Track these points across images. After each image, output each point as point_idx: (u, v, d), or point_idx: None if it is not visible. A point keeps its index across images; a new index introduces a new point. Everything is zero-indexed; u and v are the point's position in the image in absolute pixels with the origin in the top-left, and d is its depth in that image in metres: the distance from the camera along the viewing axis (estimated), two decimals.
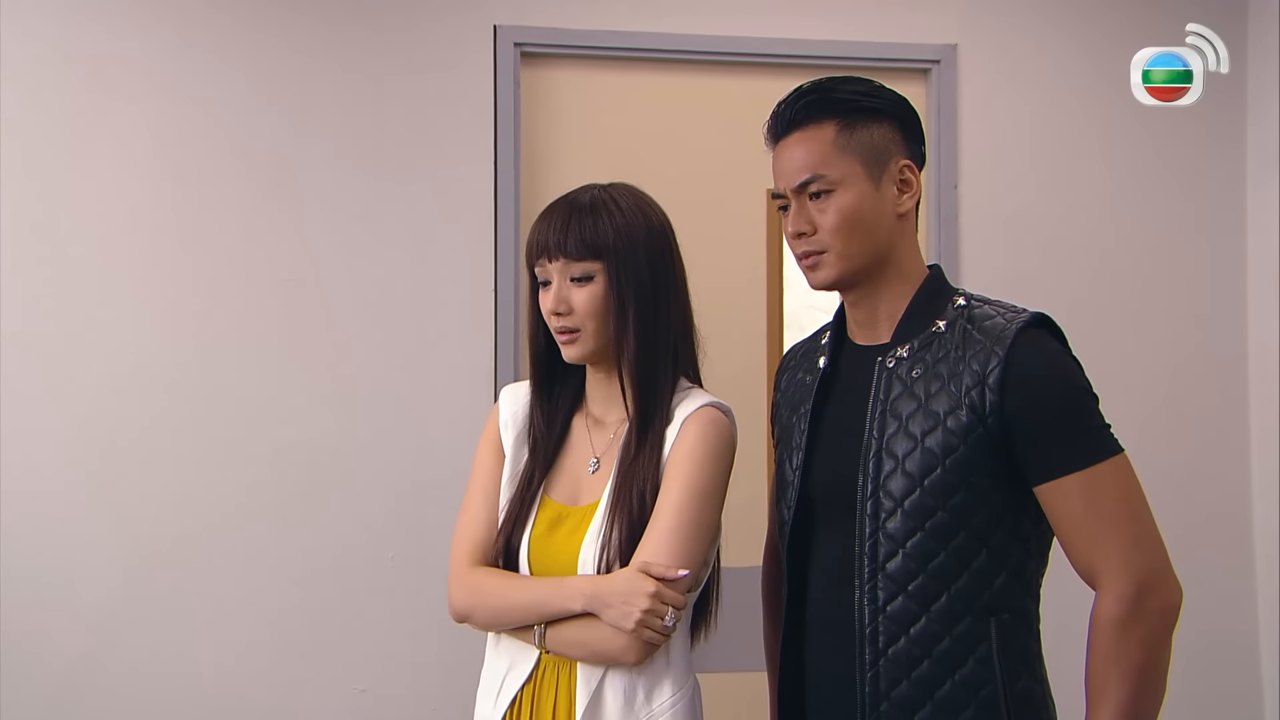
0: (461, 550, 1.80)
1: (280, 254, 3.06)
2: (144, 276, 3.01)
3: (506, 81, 3.14)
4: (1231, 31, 3.24)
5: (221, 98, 3.05)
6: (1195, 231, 3.40)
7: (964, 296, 1.70)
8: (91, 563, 2.94)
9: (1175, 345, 3.38)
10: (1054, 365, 1.60)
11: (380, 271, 3.09)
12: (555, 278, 1.78)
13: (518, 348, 3.09)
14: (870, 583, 1.63)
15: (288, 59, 3.08)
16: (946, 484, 1.59)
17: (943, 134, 3.27)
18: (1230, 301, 3.40)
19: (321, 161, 3.08)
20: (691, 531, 1.70)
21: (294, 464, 3.03)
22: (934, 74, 3.30)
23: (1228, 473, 3.38)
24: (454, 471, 2.86)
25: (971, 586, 1.60)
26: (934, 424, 1.60)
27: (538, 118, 3.21)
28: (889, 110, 1.70)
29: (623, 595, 1.66)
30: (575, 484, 1.82)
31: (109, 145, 3.00)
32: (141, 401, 2.98)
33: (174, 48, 3.04)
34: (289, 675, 3.00)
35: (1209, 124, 3.37)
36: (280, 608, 3.01)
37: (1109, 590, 1.55)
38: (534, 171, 3.18)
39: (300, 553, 3.02)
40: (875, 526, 1.62)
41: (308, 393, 3.05)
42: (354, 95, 3.10)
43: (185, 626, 2.97)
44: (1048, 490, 1.58)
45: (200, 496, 2.99)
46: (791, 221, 1.70)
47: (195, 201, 3.03)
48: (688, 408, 1.77)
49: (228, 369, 3.02)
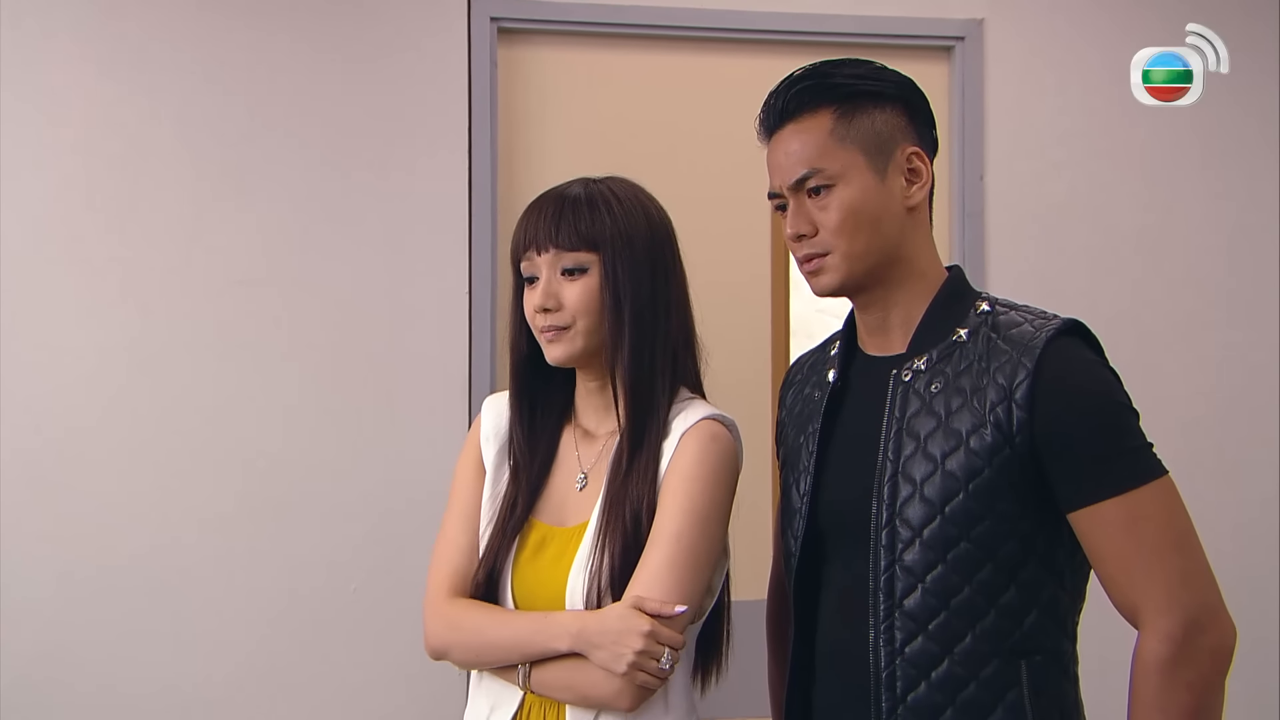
0: (438, 580, 1.80)
1: (231, 253, 3.05)
2: (80, 279, 3.01)
3: (482, 61, 3.14)
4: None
5: (162, 79, 3.05)
6: (1262, 232, 3.40)
7: (988, 301, 1.69)
8: (28, 586, 2.94)
9: (1230, 357, 3.38)
10: (1089, 377, 1.59)
11: (342, 272, 3.09)
12: (544, 271, 1.77)
13: (495, 355, 3.09)
14: (886, 621, 1.62)
15: (237, 35, 3.08)
16: (970, 511, 1.58)
17: (967, 119, 3.27)
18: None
19: (276, 150, 3.08)
20: (690, 562, 1.69)
21: (248, 486, 3.03)
22: (958, 52, 3.29)
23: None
24: (427, 492, 2.86)
25: (999, 625, 1.59)
26: (955, 444, 1.59)
27: (517, 101, 3.21)
28: (891, 93, 1.69)
29: (614, 635, 1.65)
30: (562, 503, 1.82)
31: (34, 133, 3.00)
32: (78, 418, 2.98)
33: (104, 21, 3.03)
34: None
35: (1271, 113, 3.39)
36: (233, 647, 3.00)
37: (1153, 629, 1.54)
38: (513, 162, 3.18)
39: (256, 585, 3.02)
40: (891, 558, 1.62)
41: (262, 407, 3.04)
42: (311, 76, 3.10)
43: (126, 674, 2.96)
44: (1083, 517, 1.57)
45: (142, 522, 2.99)
46: (790, 222, 1.70)
47: (136, 196, 3.03)
48: (687, 420, 1.76)
49: (173, 381, 3.02)
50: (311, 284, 3.08)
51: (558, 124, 3.23)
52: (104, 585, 2.97)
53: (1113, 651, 1.87)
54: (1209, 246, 3.41)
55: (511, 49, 3.21)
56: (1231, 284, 3.41)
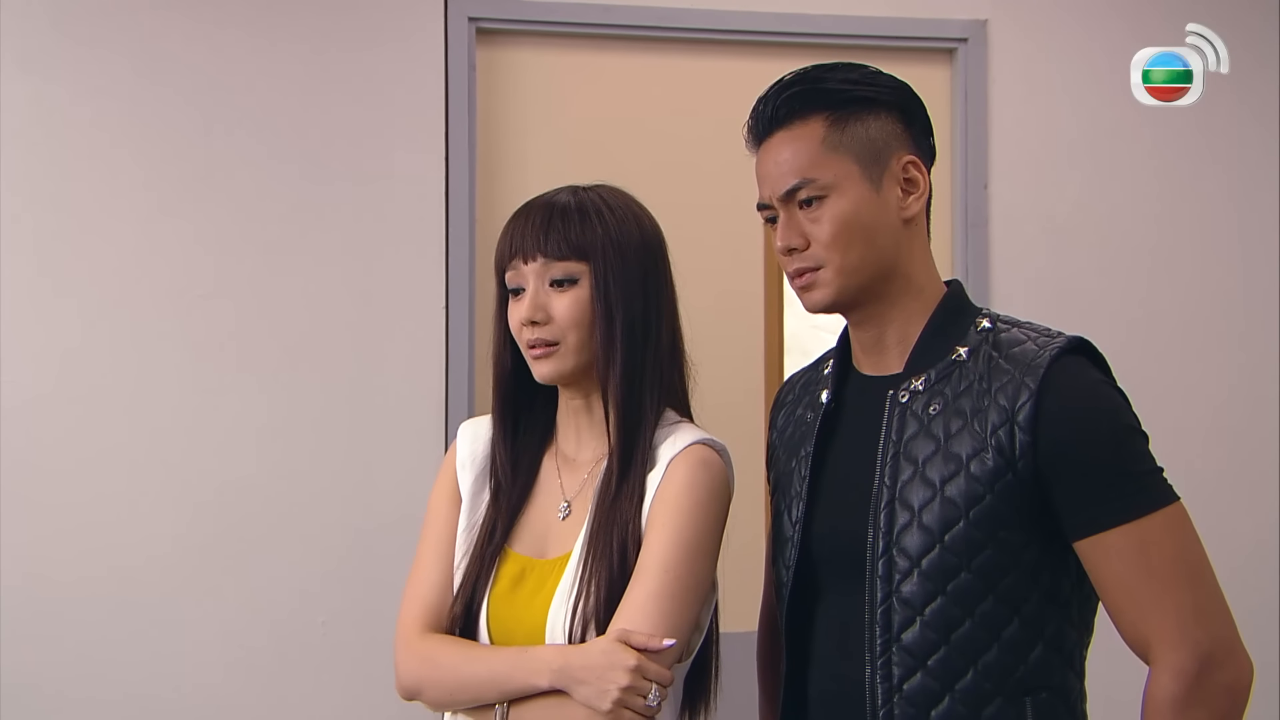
0: (411, 614, 1.80)
1: (189, 265, 3.05)
2: (22, 292, 2.98)
3: (459, 63, 3.15)
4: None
5: (112, 79, 3.03)
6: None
7: (989, 318, 1.70)
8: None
9: (1246, 377, 3.38)
10: (1095, 399, 1.60)
11: (310, 286, 3.08)
12: (531, 282, 1.77)
13: (473, 374, 3.09)
14: (883, 656, 1.62)
15: (194, 31, 3.07)
16: (971, 540, 1.58)
17: (970, 125, 3.28)
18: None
19: (237, 157, 3.07)
20: (679, 594, 1.69)
21: (207, 514, 3.02)
22: (960, 54, 3.30)
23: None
24: (399, 518, 2.87)
25: (1003, 661, 1.59)
26: (955, 469, 1.60)
27: (497, 106, 3.21)
28: (887, 99, 1.70)
29: (598, 670, 1.64)
30: (543, 533, 1.81)
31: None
32: (21, 442, 2.96)
33: (49, 18, 3.00)
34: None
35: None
36: (192, 684, 2.99)
37: (1165, 665, 1.54)
38: (492, 170, 3.18)
39: (216, 619, 3.00)
40: (888, 590, 1.62)
41: (222, 430, 3.03)
42: (276, 78, 3.10)
43: (75, 714, 2.94)
44: (1090, 546, 1.57)
45: (89, 555, 2.97)
46: (780, 235, 1.70)
47: (84, 205, 3.01)
48: (675, 445, 1.76)
49: (127, 402, 3.01)
50: (276, 298, 3.07)
51: (540, 130, 3.23)
52: (47, 626, 2.95)
53: (1122, 689, 1.87)
54: (1222, 258, 3.41)
55: (491, 50, 3.22)
56: (1243, 295, 3.42)
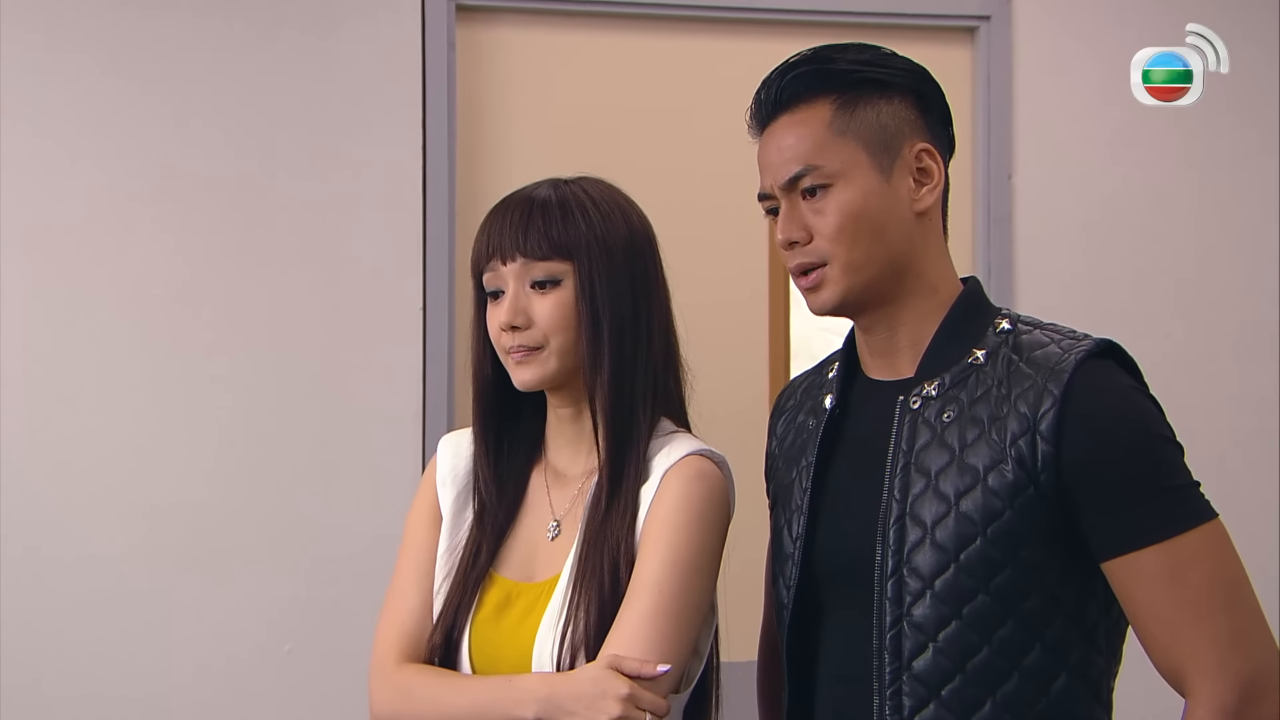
0: (387, 643, 1.80)
1: (147, 263, 3.05)
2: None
3: (438, 43, 3.15)
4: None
5: (63, 64, 3.04)
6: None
7: (1009, 319, 1.69)
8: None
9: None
10: (1125, 406, 1.59)
11: (276, 285, 3.09)
12: (511, 284, 1.78)
13: (453, 382, 3.09)
14: (893, 686, 1.62)
15: (149, 13, 3.07)
16: (988, 559, 1.58)
17: (993, 111, 3.29)
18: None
19: (198, 146, 3.08)
20: (674, 615, 1.70)
21: (168, 533, 3.02)
22: (982, 34, 3.30)
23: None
24: (374, 539, 2.87)
25: (1023, 691, 1.59)
26: (971, 482, 1.60)
27: (478, 90, 3.22)
28: (900, 82, 1.70)
29: (587, 699, 1.65)
30: (530, 555, 1.82)
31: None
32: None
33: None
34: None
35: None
36: (151, 714, 2.99)
37: (1202, 698, 1.54)
38: (473, 160, 3.19)
39: (176, 646, 3.01)
40: (899, 613, 1.62)
41: (183, 442, 3.04)
42: (241, 60, 3.10)
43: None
44: (1119, 567, 1.57)
45: (47, 571, 2.98)
46: (781, 227, 1.70)
47: (38, 202, 3.02)
48: (670, 456, 1.77)
49: (78, 410, 3.01)
50: (240, 300, 3.08)
51: (525, 116, 3.24)
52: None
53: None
54: (1265, 254, 3.43)
55: (472, 29, 3.22)
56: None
